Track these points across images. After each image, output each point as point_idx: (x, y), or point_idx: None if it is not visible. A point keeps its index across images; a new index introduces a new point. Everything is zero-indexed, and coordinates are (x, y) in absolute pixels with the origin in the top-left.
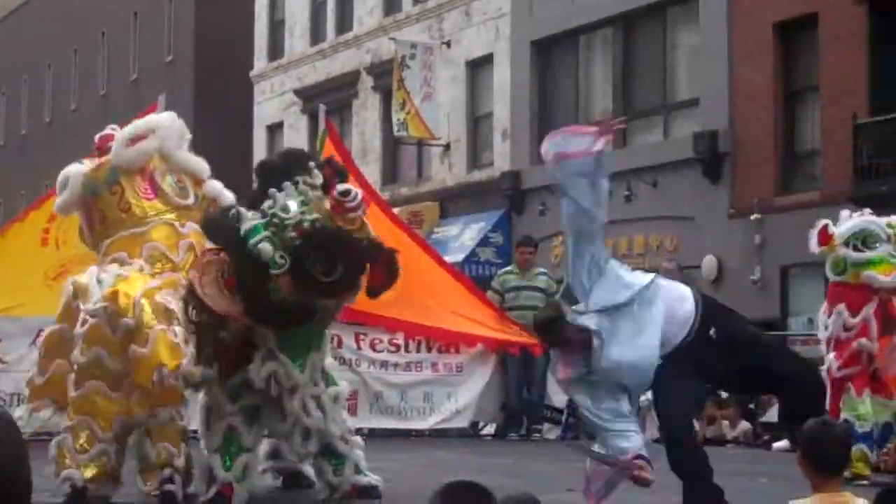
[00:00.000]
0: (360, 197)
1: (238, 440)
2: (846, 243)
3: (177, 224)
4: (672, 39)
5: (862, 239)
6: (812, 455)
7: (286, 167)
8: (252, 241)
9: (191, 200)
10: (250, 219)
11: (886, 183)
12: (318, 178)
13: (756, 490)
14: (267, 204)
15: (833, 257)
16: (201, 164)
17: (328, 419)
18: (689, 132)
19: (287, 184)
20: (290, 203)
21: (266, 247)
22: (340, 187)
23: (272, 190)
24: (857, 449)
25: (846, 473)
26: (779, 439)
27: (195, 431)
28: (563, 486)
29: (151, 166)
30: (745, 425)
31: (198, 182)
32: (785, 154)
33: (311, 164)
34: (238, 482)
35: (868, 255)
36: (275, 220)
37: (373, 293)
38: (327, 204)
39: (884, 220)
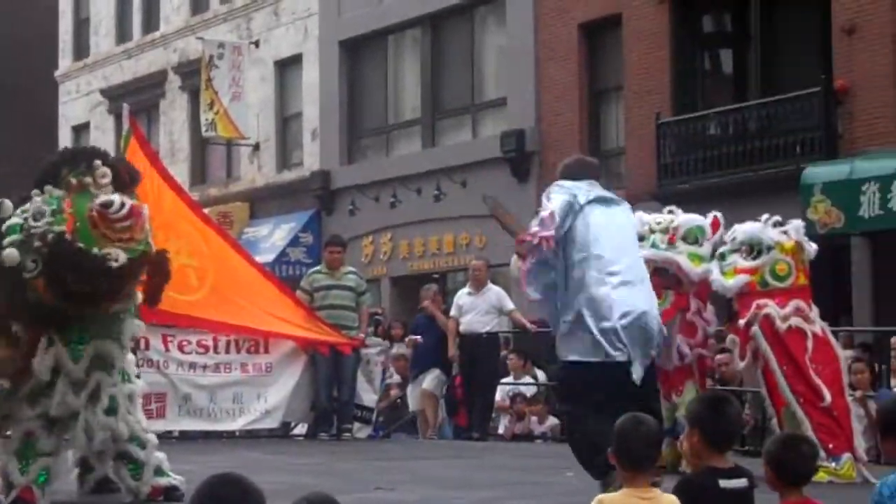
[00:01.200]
0: (126, 208)
1: (34, 445)
2: None
3: None
4: (480, 39)
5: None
6: (621, 451)
7: (65, 163)
8: (4, 241)
9: None
10: (13, 215)
11: (689, 181)
12: (106, 177)
13: (563, 484)
14: (28, 205)
15: None
16: None
17: (119, 418)
18: (496, 131)
19: (48, 187)
20: (44, 208)
21: (12, 252)
22: (101, 198)
23: (35, 191)
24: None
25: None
26: None
27: None
28: (372, 484)
29: None
30: (553, 421)
31: None
32: (591, 152)
33: (98, 161)
34: (37, 486)
35: None
36: (25, 225)
37: (150, 300)
38: (94, 212)
39: (654, 216)
